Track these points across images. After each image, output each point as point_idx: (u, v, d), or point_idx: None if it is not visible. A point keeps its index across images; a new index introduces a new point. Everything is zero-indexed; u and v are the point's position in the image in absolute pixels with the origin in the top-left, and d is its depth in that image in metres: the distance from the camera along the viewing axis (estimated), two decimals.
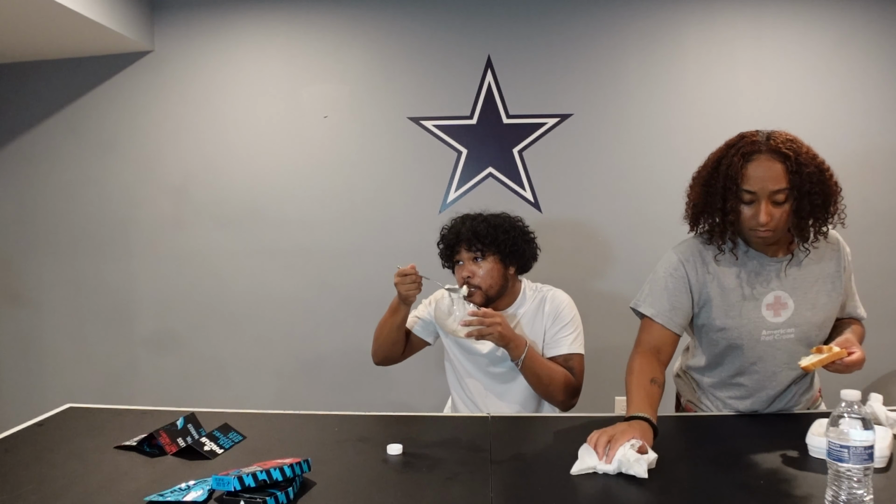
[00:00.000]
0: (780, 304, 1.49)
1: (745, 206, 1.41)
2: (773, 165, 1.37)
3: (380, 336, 1.87)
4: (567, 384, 1.74)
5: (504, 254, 1.79)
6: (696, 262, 1.53)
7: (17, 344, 3.20)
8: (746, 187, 1.39)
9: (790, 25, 2.77)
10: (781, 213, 1.39)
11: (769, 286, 1.49)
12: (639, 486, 1.15)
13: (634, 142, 2.83)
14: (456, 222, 1.86)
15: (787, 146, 1.38)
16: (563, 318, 1.79)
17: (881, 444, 1.16)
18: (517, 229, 1.83)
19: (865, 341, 1.65)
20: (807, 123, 2.78)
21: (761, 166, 1.38)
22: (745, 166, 1.39)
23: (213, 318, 3.06)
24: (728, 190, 1.41)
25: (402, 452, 1.34)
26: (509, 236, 1.79)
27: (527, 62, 2.87)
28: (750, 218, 1.40)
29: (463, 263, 1.80)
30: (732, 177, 1.40)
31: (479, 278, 1.77)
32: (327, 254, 2.99)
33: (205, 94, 3.01)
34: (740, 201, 1.41)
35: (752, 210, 1.40)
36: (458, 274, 1.83)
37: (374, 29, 2.92)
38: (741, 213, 1.42)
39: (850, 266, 1.59)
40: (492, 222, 1.80)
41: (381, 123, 2.94)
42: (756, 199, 1.39)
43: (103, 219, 3.09)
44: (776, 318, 1.49)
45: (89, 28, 2.66)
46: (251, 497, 1.08)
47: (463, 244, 1.79)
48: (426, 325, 1.93)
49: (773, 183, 1.37)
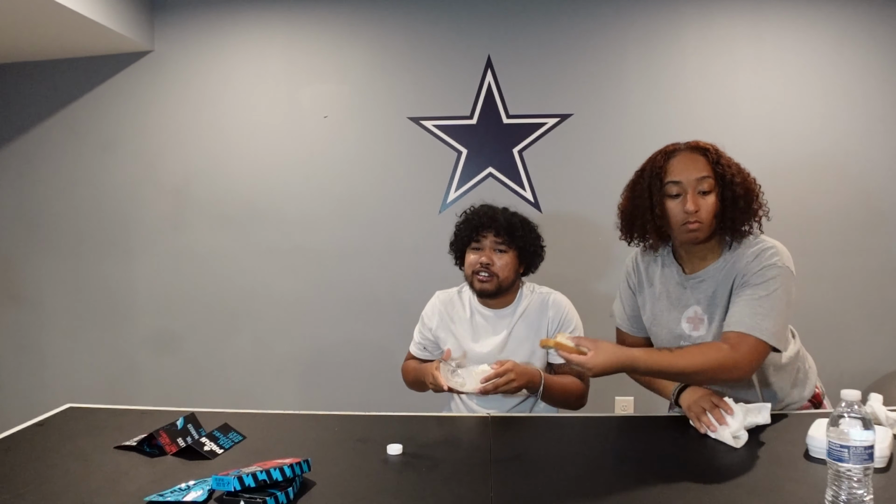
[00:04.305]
0: (697, 318, 1.51)
1: (672, 202, 1.44)
2: (695, 157, 1.45)
3: (408, 382, 1.96)
4: (578, 393, 1.79)
5: (524, 252, 1.83)
6: (636, 268, 1.63)
7: (17, 344, 3.19)
8: (671, 179, 1.44)
9: (790, 25, 2.77)
10: (708, 204, 1.41)
11: (690, 300, 1.51)
12: (639, 484, 1.15)
13: (634, 142, 2.83)
14: (486, 209, 1.87)
15: (704, 144, 1.46)
16: (568, 324, 1.83)
17: (881, 444, 1.16)
18: (537, 233, 1.89)
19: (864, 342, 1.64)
20: (806, 123, 2.78)
21: (684, 159, 1.45)
22: (668, 162, 1.46)
23: (213, 318, 3.06)
24: (653, 187, 1.46)
25: (402, 452, 1.34)
26: (532, 237, 1.86)
27: (527, 62, 2.87)
28: (678, 212, 1.43)
29: (483, 250, 1.81)
30: (657, 174, 1.45)
31: (497, 267, 1.79)
32: (327, 254, 2.99)
33: (205, 93, 3.01)
34: (667, 196, 1.45)
35: (680, 203, 1.43)
36: (473, 258, 1.82)
37: (374, 29, 2.92)
38: (668, 209, 1.45)
39: (759, 269, 1.39)
40: (521, 218, 1.86)
41: (381, 123, 2.94)
42: (682, 190, 1.42)
43: (103, 219, 3.09)
44: (694, 332, 1.51)
45: (89, 28, 2.66)
46: (251, 497, 1.08)
47: (492, 230, 1.81)
48: (430, 343, 1.95)
49: (696, 171, 1.42)
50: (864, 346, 2.75)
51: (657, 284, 1.57)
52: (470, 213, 1.89)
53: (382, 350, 2.93)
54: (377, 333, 2.96)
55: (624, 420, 1.78)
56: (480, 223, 1.83)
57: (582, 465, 1.29)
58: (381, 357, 2.93)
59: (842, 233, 2.77)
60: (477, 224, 1.84)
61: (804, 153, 2.75)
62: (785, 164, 2.76)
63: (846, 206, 2.77)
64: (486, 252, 1.80)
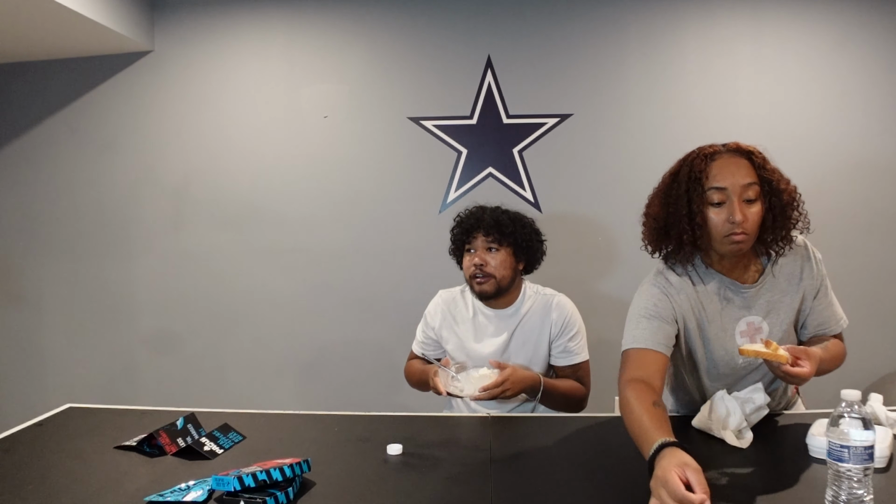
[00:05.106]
0: (753, 329, 1.41)
1: (714, 210, 1.30)
2: (739, 161, 1.31)
3: (412, 383, 1.95)
4: (578, 396, 1.80)
5: (518, 247, 1.82)
6: (678, 292, 1.42)
7: (17, 344, 3.19)
8: (714, 184, 1.29)
9: (790, 25, 2.77)
10: (754, 215, 1.29)
11: (740, 313, 1.42)
12: (636, 486, 1.15)
13: (634, 142, 2.83)
14: (475, 210, 1.87)
15: (747, 146, 1.33)
16: (571, 327, 1.82)
17: (881, 444, 1.16)
18: (532, 228, 1.87)
19: (864, 342, 1.65)
20: (806, 123, 2.78)
21: (727, 163, 1.30)
22: (709, 165, 1.31)
23: (213, 318, 3.05)
24: (693, 192, 1.31)
25: (402, 452, 1.34)
26: (525, 231, 1.83)
27: (527, 62, 2.87)
28: (722, 222, 1.30)
29: (475, 251, 1.81)
30: (696, 178, 1.30)
31: (491, 267, 1.78)
32: (327, 254, 2.99)
33: (205, 93, 3.01)
34: (708, 204, 1.31)
35: (724, 212, 1.29)
36: (467, 261, 1.83)
37: (374, 29, 2.92)
38: (709, 219, 1.31)
39: (822, 273, 1.45)
40: (511, 215, 1.85)
41: (381, 123, 2.94)
42: (726, 197, 1.29)
43: (103, 219, 3.09)
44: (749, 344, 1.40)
45: (89, 28, 2.66)
46: (251, 497, 1.08)
47: (481, 231, 1.80)
48: (432, 342, 1.95)
49: (742, 177, 1.28)
50: (864, 346, 2.75)
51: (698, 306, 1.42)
52: (460, 218, 1.89)
53: (382, 350, 2.93)
54: (377, 333, 2.96)
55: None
56: (469, 225, 1.83)
57: (582, 465, 1.29)
58: (381, 357, 2.93)
59: (842, 233, 2.77)
60: (466, 227, 1.84)
61: (804, 153, 2.75)
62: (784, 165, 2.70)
63: (846, 205, 2.77)
64: (478, 253, 1.80)
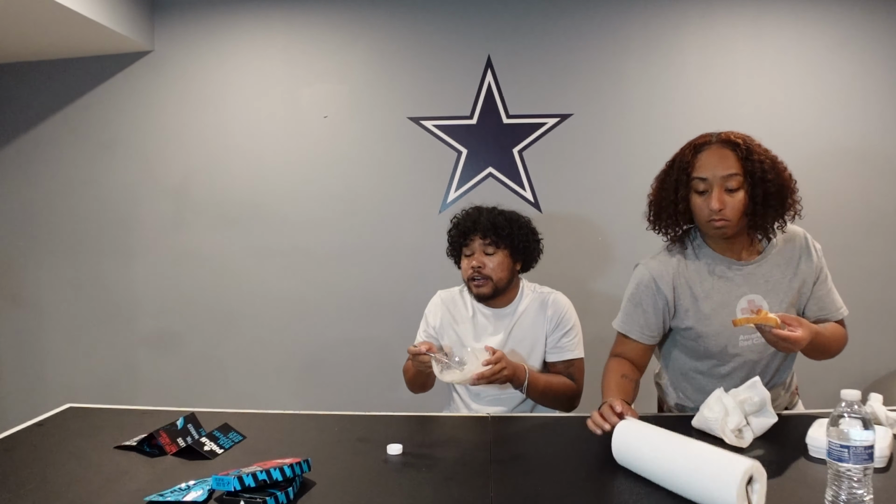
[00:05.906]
0: (754, 307, 1.48)
1: (699, 197, 1.44)
2: (724, 153, 1.42)
3: (408, 380, 1.90)
4: (569, 393, 1.79)
5: (515, 249, 1.82)
6: (667, 274, 1.53)
7: (17, 344, 3.19)
8: (698, 175, 1.43)
9: (790, 25, 2.77)
10: (735, 202, 1.40)
11: (740, 291, 1.49)
12: (639, 484, 1.15)
13: (634, 142, 2.83)
14: (471, 211, 1.87)
15: (736, 136, 1.43)
16: (566, 323, 1.82)
17: (881, 444, 1.16)
18: (529, 227, 1.88)
19: (864, 342, 1.67)
20: (806, 123, 2.78)
21: (712, 154, 1.43)
22: (696, 157, 1.44)
23: (213, 318, 3.05)
24: (680, 181, 1.46)
25: (402, 452, 1.34)
26: (522, 232, 1.84)
27: (527, 62, 2.87)
28: (703, 209, 1.43)
29: (473, 254, 1.81)
30: (684, 168, 1.45)
31: (489, 269, 1.79)
32: (327, 254, 2.98)
33: (205, 94, 3.01)
34: (693, 191, 1.45)
35: (706, 200, 1.42)
36: (465, 264, 1.83)
37: (374, 29, 2.92)
38: (695, 204, 1.45)
39: (822, 261, 1.56)
40: (507, 216, 1.85)
41: (381, 123, 2.94)
42: (709, 186, 1.42)
43: (103, 219, 3.09)
44: None
45: (89, 28, 2.66)
46: (251, 497, 1.09)
47: (478, 233, 1.80)
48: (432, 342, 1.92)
49: (723, 168, 1.40)
50: (864, 346, 2.75)
51: (697, 285, 1.51)
52: (457, 220, 1.89)
53: (382, 350, 2.93)
54: (377, 333, 2.96)
55: None
56: (466, 228, 1.83)
57: (582, 465, 1.29)
58: (381, 357, 2.93)
59: (842, 232, 2.77)
60: (463, 229, 1.84)
61: (804, 153, 2.75)
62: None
63: (846, 205, 2.77)
64: (475, 256, 1.80)
